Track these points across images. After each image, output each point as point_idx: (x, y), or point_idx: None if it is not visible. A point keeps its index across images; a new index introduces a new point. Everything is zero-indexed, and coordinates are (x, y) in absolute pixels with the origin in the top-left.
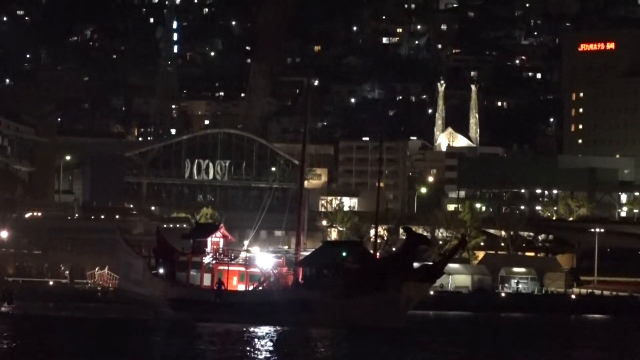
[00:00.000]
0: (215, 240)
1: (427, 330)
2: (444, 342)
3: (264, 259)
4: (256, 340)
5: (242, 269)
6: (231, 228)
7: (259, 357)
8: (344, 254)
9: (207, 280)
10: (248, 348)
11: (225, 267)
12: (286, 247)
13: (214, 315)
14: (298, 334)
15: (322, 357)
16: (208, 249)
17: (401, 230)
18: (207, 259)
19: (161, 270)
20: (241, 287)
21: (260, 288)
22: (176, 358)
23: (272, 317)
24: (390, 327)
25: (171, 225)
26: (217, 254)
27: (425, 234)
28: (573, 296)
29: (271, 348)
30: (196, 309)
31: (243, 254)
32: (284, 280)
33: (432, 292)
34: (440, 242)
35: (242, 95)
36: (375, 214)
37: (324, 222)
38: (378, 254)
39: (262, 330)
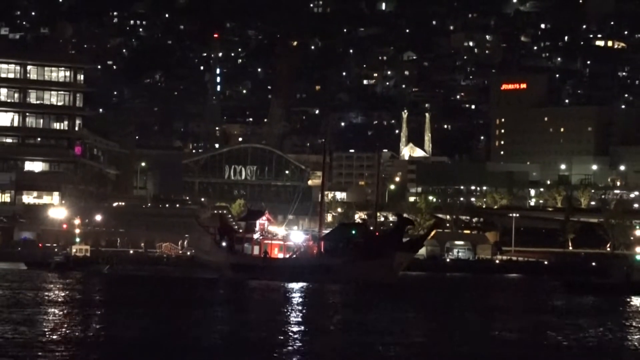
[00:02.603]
0: (262, 222)
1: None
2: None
3: (296, 236)
4: (291, 292)
5: (281, 242)
6: None
7: (293, 303)
8: (354, 232)
9: (256, 250)
10: (285, 297)
11: (269, 241)
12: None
13: (261, 276)
14: (321, 288)
15: (334, 302)
16: (257, 228)
17: (377, 214)
18: (256, 236)
19: (224, 244)
20: (280, 256)
21: (294, 256)
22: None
23: (302, 277)
24: (386, 283)
25: (215, 212)
26: (263, 231)
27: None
28: (497, 261)
29: (301, 298)
30: (249, 271)
31: (282, 231)
32: (311, 251)
33: None
34: None
35: (265, 120)
36: (375, 205)
37: (339, 209)
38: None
39: (296, 285)
